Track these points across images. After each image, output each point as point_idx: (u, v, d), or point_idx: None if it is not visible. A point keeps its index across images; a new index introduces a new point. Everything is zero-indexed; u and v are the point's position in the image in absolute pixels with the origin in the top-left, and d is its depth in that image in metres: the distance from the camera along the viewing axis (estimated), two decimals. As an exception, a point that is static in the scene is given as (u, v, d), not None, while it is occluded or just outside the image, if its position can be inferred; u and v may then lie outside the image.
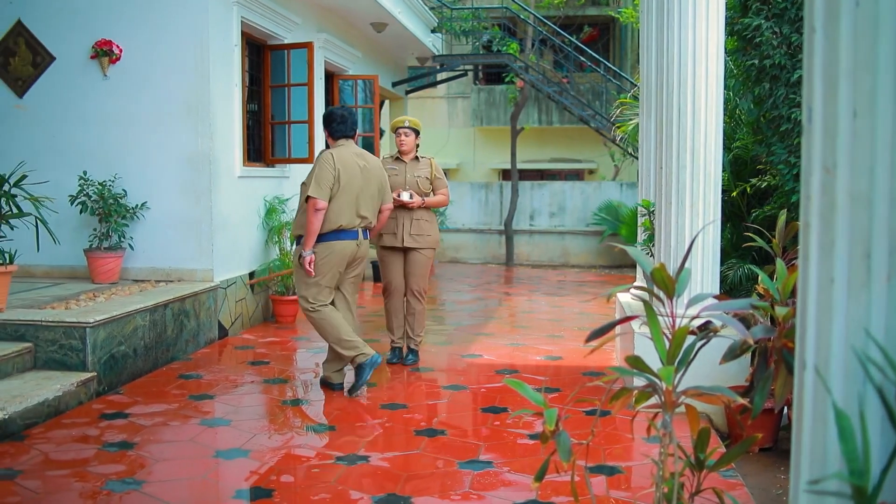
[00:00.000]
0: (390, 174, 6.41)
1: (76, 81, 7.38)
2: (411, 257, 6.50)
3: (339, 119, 5.77)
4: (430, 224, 6.52)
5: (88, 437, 4.65)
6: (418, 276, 6.51)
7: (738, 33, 5.94)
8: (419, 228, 6.44)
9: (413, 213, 6.44)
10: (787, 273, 3.97)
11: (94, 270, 7.08)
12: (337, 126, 5.77)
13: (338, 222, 5.51)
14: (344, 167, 5.55)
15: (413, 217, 6.43)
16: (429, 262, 6.58)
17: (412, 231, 6.41)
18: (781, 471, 4.31)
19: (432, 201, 6.53)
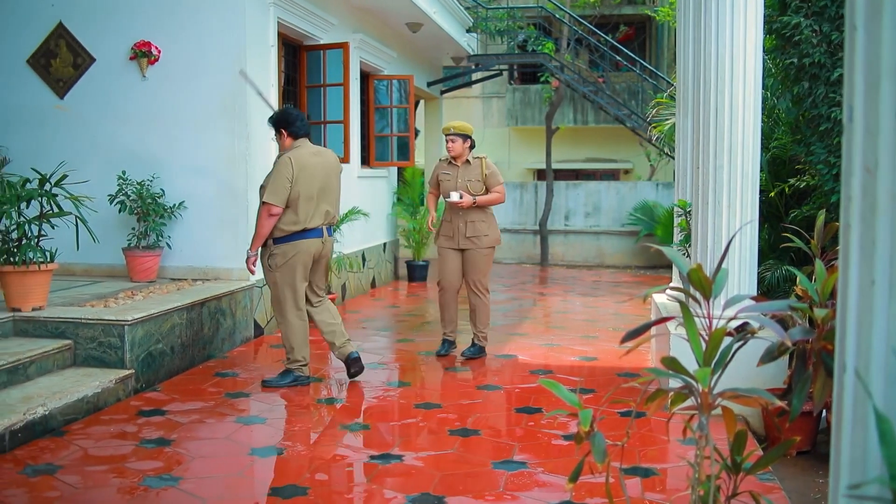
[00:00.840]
0: (443, 178, 6.75)
1: (116, 82, 7.47)
2: (468, 256, 6.69)
3: (297, 118, 5.87)
4: (486, 224, 6.67)
5: (126, 433, 4.71)
6: (475, 272, 6.70)
7: (776, 31, 5.87)
8: (474, 230, 6.61)
9: (467, 216, 6.60)
10: (826, 274, 3.93)
11: (132, 269, 7.17)
12: (299, 125, 5.86)
13: (303, 224, 5.66)
14: (303, 168, 5.65)
15: (467, 219, 6.60)
16: (487, 260, 6.73)
17: (467, 233, 6.61)
18: (820, 475, 4.26)
19: (485, 199, 6.63)
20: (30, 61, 7.60)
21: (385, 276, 11.70)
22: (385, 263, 11.71)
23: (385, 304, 10.06)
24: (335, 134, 8.90)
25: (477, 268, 6.69)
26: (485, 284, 6.76)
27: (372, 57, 10.73)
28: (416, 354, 6.98)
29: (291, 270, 5.70)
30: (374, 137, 11.13)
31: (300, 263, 5.72)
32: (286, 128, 5.82)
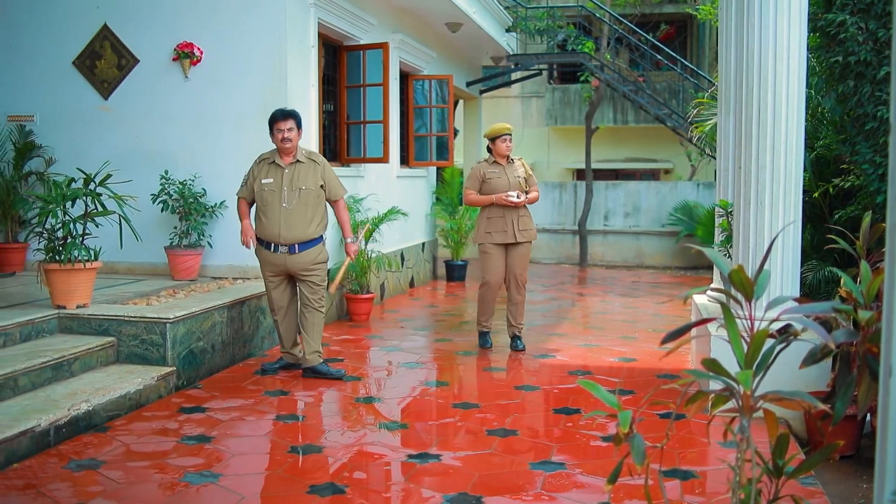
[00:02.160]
0: (492, 177, 7.02)
1: (159, 83, 7.57)
2: (518, 251, 7.03)
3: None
4: (530, 219, 7.14)
5: (168, 429, 4.77)
6: (522, 266, 7.07)
7: (821, 29, 5.78)
8: (525, 224, 7.03)
9: (518, 211, 6.99)
10: (871, 276, 3.87)
11: (174, 268, 7.26)
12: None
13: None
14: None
15: (519, 214, 6.99)
16: (529, 253, 7.19)
17: (520, 227, 6.99)
18: (863, 480, 4.19)
19: (531, 198, 7.08)
20: (76, 63, 7.73)
21: (424, 276, 11.72)
22: (424, 263, 11.73)
23: (423, 303, 10.08)
24: (374, 134, 8.92)
25: (524, 261, 7.07)
26: (526, 278, 7.13)
27: (411, 57, 10.75)
28: (454, 354, 6.98)
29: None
30: (413, 137, 11.15)
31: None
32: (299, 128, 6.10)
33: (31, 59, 7.86)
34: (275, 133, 5.94)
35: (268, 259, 5.99)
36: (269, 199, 5.92)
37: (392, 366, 6.53)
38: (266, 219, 5.92)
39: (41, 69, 7.84)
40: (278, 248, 5.91)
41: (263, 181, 5.95)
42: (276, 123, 5.93)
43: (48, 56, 7.80)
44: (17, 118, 7.92)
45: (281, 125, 5.91)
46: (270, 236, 5.92)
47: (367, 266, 8.45)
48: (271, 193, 5.92)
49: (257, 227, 6.00)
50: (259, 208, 5.98)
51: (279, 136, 5.91)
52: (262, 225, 5.95)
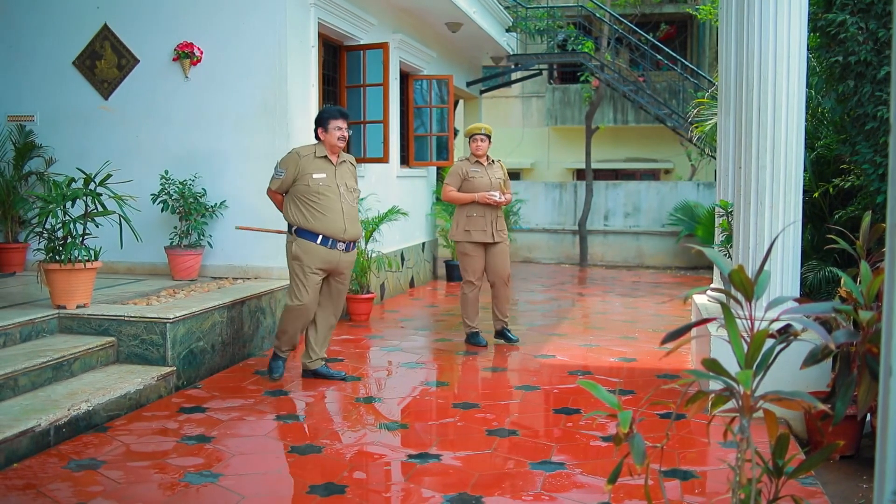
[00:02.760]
0: (474, 176, 7.15)
1: (159, 83, 7.57)
2: (498, 250, 7.16)
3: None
4: (504, 220, 7.32)
5: (168, 429, 4.77)
6: (506, 263, 7.22)
7: (821, 29, 5.79)
8: (501, 224, 7.20)
9: (497, 211, 7.14)
10: (871, 276, 3.86)
11: (174, 268, 7.26)
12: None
13: None
14: None
15: (497, 214, 7.15)
16: (508, 253, 7.36)
17: (497, 227, 7.14)
18: (863, 480, 4.19)
19: (509, 199, 7.27)
20: (76, 63, 7.73)
21: (423, 276, 11.72)
22: (423, 263, 11.73)
23: (423, 303, 10.08)
24: (374, 134, 8.93)
25: (506, 259, 7.22)
26: (510, 273, 7.32)
27: (411, 57, 10.75)
28: (454, 354, 6.98)
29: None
30: (413, 137, 11.15)
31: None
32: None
33: (31, 59, 7.86)
34: (331, 130, 5.79)
35: (319, 255, 5.74)
36: (327, 194, 5.73)
37: (392, 366, 6.53)
38: (325, 214, 5.70)
39: (41, 69, 7.84)
40: (336, 244, 5.76)
41: (315, 175, 5.73)
42: (333, 120, 5.80)
43: (48, 56, 7.80)
44: (17, 118, 7.92)
45: (340, 123, 5.81)
46: (333, 231, 5.73)
47: (367, 266, 8.45)
48: (327, 188, 5.74)
49: (309, 221, 5.71)
50: (309, 203, 5.71)
51: (337, 134, 5.78)
52: (319, 219, 5.70)
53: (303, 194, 5.74)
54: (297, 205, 5.77)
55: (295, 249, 5.76)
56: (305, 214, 5.73)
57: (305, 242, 5.74)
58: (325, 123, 5.82)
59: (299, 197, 5.76)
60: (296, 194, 5.78)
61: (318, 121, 5.89)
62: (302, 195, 5.74)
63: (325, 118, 5.85)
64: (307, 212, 5.73)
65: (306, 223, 5.73)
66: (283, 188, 5.84)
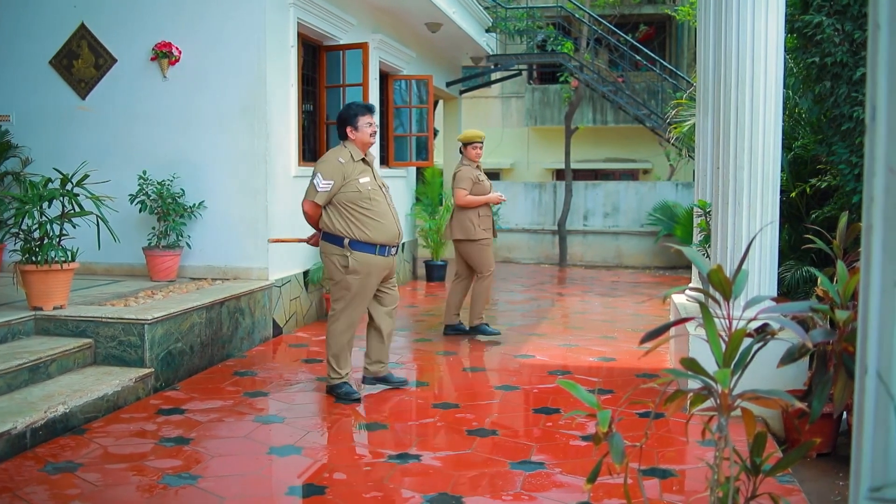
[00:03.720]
0: (481, 180, 7.66)
1: (137, 83, 7.52)
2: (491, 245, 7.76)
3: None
4: None
5: (146, 431, 4.74)
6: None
7: (798, 30, 5.83)
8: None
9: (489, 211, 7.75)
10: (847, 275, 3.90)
11: (152, 268, 7.22)
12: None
13: None
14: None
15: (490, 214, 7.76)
16: None
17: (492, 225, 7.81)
18: (840, 477, 4.23)
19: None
20: (52, 62, 7.66)
21: (403, 276, 11.71)
22: (403, 263, 11.72)
23: (403, 303, 10.04)
24: (354, 134, 8.91)
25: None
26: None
27: (391, 57, 10.74)
28: (434, 354, 6.98)
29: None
30: (392, 138, 11.14)
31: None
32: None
33: (6, 58, 7.78)
34: (362, 127, 5.49)
35: (378, 265, 5.41)
36: (377, 198, 5.39)
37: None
38: (380, 220, 5.36)
39: (17, 69, 7.77)
40: (391, 250, 5.46)
41: (362, 181, 5.38)
42: (363, 116, 5.51)
43: (24, 55, 7.73)
44: (-8, 118, 7.85)
45: (371, 119, 5.54)
46: (390, 238, 5.41)
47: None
48: (376, 192, 5.41)
49: (365, 232, 5.33)
50: (360, 210, 5.34)
51: (369, 130, 5.51)
52: (376, 228, 5.35)
53: (352, 202, 5.33)
54: (345, 214, 5.35)
55: (352, 264, 5.33)
56: (359, 224, 5.33)
57: (364, 255, 5.35)
58: (353, 121, 5.52)
59: (347, 205, 5.34)
60: (342, 203, 5.35)
61: (343, 120, 5.56)
62: (351, 203, 5.33)
63: (352, 115, 5.53)
64: (360, 221, 5.33)
65: (363, 234, 5.32)
66: (328, 200, 5.39)
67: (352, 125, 5.52)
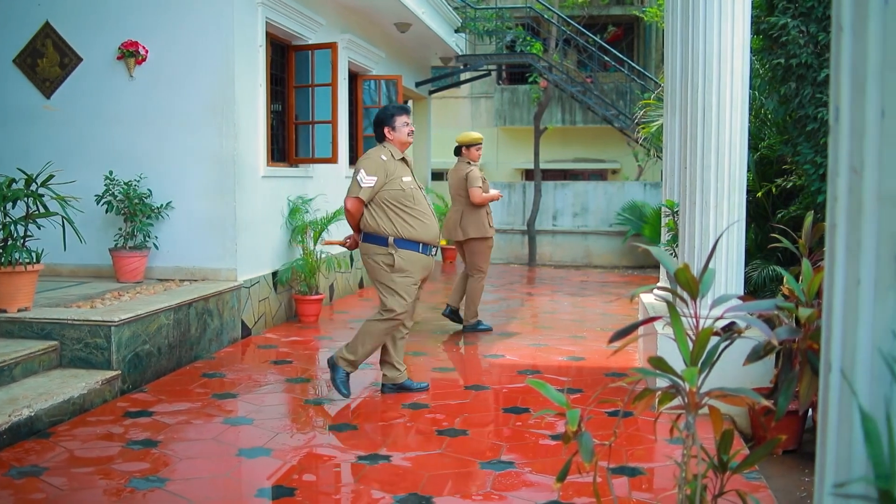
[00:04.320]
0: (485, 180, 8.00)
1: (103, 82, 7.44)
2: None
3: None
4: None
5: (113, 434, 4.69)
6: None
7: (763, 32, 5.89)
8: None
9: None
10: (812, 274, 3.94)
11: (119, 269, 7.14)
12: None
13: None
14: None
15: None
16: None
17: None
18: (806, 473, 4.28)
19: None
20: (16, 61, 7.56)
21: (373, 277, 11.67)
22: (373, 264, 11.67)
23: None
24: (323, 134, 8.88)
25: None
26: None
27: (360, 57, 10.72)
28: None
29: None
30: (362, 138, 11.11)
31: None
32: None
33: (-31, 56, 7.67)
34: (399, 127, 5.54)
35: (422, 264, 5.44)
36: (418, 198, 5.43)
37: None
38: (422, 220, 5.38)
39: (-20, 67, 7.66)
40: (432, 249, 5.47)
41: (405, 179, 5.41)
42: (400, 116, 5.56)
43: (-13, 54, 7.62)
44: (-46, 117, 7.73)
45: (407, 118, 5.58)
46: (432, 237, 5.43)
47: (315, 267, 8.40)
48: (417, 191, 5.46)
49: (409, 230, 5.36)
50: (404, 209, 5.36)
51: (407, 130, 5.54)
52: (420, 227, 5.37)
53: (395, 200, 5.36)
54: (389, 213, 5.36)
55: (398, 262, 5.34)
56: (404, 222, 5.35)
57: (410, 253, 5.37)
58: (391, 121, 5.55)
59: (390, 204, 5.36)
60: (386, 201, 5.36)
61: (380, 121, 5.60)
62: (395, 201, 5.36)
63: (390, 115, 5.58)
64: (404, 219, 5.36)
65: (407, 232, 5.35)
66: (371, 197, 5.38)
67: (389, 125, 5.57)
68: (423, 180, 14.97)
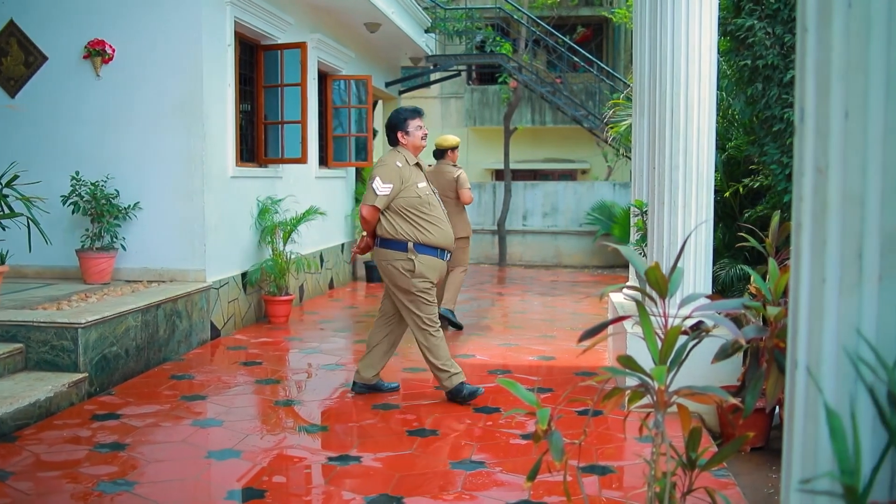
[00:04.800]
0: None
1: (69, 81, 7.36)
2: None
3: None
4: None
5: (80, 438, 4.64)
6: None
7: (730, 34, 5.94)
8: None
9: None
10: (779, 273, 3.98)
11: (85, 271, 7.06)
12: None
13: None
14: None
15: None
16: None
17: None
18: (773, 470, 4.32)
19: None
20: (-21, 59, 7.46)
21: (343, 277, 11.66)
22: (343, 264, 11.66)
23: (343, 304, 10.02)
24: (292, 134, 8.84)
25: None
26: None
27: (330, 57, 10.68)
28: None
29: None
30: (331, 138, 11.08)
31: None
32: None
33: (-69, 55, 7.55)
34: (413, 131, 5.50)
35: (438, 269, 5.40)
36: (433, 203, 5.40)
37: (312, 368, 6.48)
38: (438, 225, 5.36)
39: (-57, 66, 7.54)
40: (447, 254, 5.45)
41: (420, 185, 5.38)
42: (413, 120, 5.51)
43: (-50, 52, 7.50)
44: (-84, 117, 7.60)
45: (420, 122, 5.53)
46: (447, 242, 5.40)
47: (285, 267, 8.36)
48: (431, 196, 5.41)
49: (426, 235, 5.33)
50: (419, 215, 5.33)
51: (420, 134, 5.50)
52: (436, 232, 5.34)
53: (411, 206, 5.33)
54: (405, 219, 5.33)
55: (419, 267, 5.31)
56: (422, 228, 5.33)
57: (428, 258, 5.35)
58: (404, 125, 5.54)
59: (406, 210, 5.33)
60: (402, 208, 5.33)
61: (394, 125, 5.57)
62: (410, 207, 5.33)
63: (402, 119, 5.54)
64: (422, 226, 5.34)
65: (425, 238, 5.32)
66: (387, 204, 5.35)
67: (402, 129, 5.55)
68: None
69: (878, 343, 1.59)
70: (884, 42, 1.54)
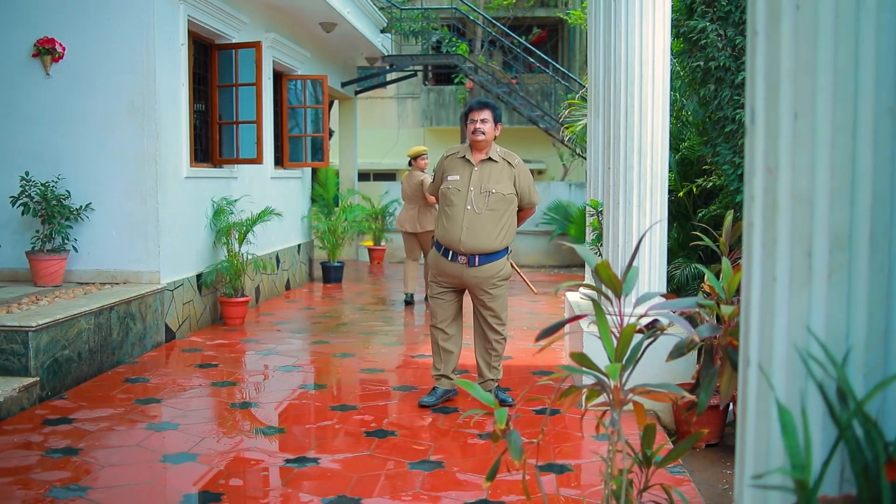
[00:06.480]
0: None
1: (17, 80, 7.22)
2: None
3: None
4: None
5: (31, 443, 4.56)
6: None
7: (683, 35, 6.02)
8: None
9: None
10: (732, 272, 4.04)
11: (36, 273, 6.94)
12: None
13: None
14: None
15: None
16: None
17: None
18: (727, 466, 4.38)
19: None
20: (-76, 58, 7.29)
21: (300, 278, 11.59)
22: (299, 265, 11.60)
23: (300, 305, 9.97)
24: (248, 134, 8.77)
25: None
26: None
27: (285, 56, 10.61)
28: (331, 356, 6.93)
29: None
30: (287, 138, 11.01)
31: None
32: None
33: None
34: (468, 124, 5.33)
35: (443, 268, 5.28)
36: (454, 200, 5.22)
37: (268, 370, 6.43)
38: (448, 222, 5.22)
39: None
40: (457, 257, 5.22)
41: (450, 178, 5.28)
42: (470, 113, 5.33)
43: None
44: None
45: (475, 115, 5.28)
46: (450, 242, 5.21)
47: (241, 269, 8.29)
48: (456, 193, 5.23)
49: (438, 229, 5.35)
50: (441, 209, 5.32)
51: (471, 127, 5.26)
52: (442, 228, 5.27)
53: (442, 198, 5.35)
54: (439, 210, 5.44)
55: (429, 258, 5.47)
56: (439, 221, 5.36)
57: (434, 252, 5.37)
58: (463, 120, 5.48)
59: (440, 202, 5.41)
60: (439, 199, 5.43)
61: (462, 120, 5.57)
62: (441, 199, 5.36)
63: (464, 114, 5.43)
64: (439, 218, 5.36)
65: (437, 231, 5.38)
66: (435, 192, 5.43)
67: (463, 124, 5.54)
68: (349, 181, 14.90)
69: (828, 340, 1.62)
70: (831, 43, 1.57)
